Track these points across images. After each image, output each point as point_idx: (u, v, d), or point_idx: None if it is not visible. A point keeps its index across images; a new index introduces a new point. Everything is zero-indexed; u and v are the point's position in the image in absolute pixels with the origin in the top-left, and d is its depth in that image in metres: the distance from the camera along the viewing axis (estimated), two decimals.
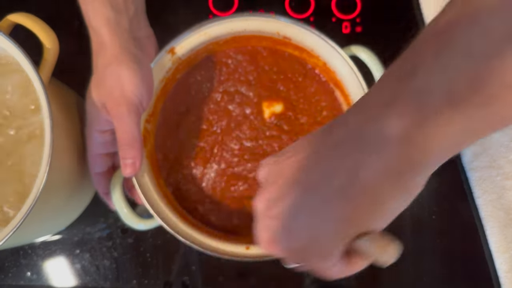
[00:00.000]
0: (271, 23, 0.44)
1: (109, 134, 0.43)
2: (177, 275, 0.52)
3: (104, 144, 0.44)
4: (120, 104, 0.39)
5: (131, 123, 0.39)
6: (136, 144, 0.39)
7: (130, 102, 0.39)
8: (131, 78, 0.39)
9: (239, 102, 0.47)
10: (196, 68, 0.48)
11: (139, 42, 0.42)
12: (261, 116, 0.47)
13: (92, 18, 0.40)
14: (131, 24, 0.41)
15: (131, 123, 0.39)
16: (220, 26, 0.45)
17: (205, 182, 0.46)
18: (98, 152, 0.44)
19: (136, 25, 0.42)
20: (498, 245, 0.52)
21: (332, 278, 0.31)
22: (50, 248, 0.53)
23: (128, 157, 0.40)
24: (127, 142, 0.39)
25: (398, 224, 0.52)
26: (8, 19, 0.41)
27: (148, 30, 0.44)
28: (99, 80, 0.40)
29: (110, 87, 0.39)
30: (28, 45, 0.39)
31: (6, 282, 0.53)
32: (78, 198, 0.50)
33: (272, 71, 0.48)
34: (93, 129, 0.43)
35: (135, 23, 0.41)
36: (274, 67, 0.48)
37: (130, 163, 0.40)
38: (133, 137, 0.39)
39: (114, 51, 0.39)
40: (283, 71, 0.48)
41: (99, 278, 0.52)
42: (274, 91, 0.47)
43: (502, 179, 0.52)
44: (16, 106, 0.42)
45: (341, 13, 0.56)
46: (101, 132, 0.43)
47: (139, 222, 0.43)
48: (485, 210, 0.52)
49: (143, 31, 0.43)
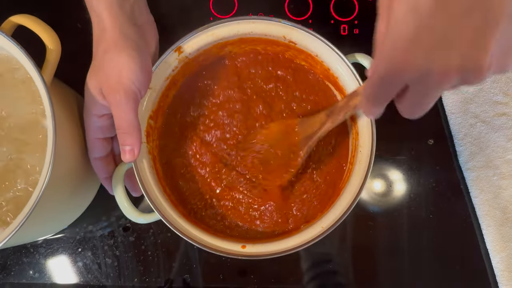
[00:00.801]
0: (277, 27, 0.45)
1: (106, 119, 0.43)
2: (178, 273, 0.53)
3: (102, 128, 0.44)
4: (117, 91, 0.38)
5: (128, 110, 0.39)
6: (134, 132, 0.39)
7: (128, 89, 0.38)
8: (129, 65, 0.38)
9: (242, 106, 0.47)
10: (202, 70, 0.48)
11: (140, 29, 0.42)
12: (262, 122, 0.47)
13: (95, 1, 0.39)
14: (132, 9, 0.41)
15: (129, 110, 0.39)
16: (227, 27, 0.45)
17: (204, 183, 0.47)
18: (96, 136, 0.44)
19: (138, 10, 0.41)
20: (494, 244, 0.52)
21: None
22: (52, 246, 0.54)
23: (127, 144, 0.39)
24: (125, 129, 0.39)
25: (395, 223, 0.54)
26: (11, 20, 0.41)
27: (149, 16, 0.44)
28: (98, 66, 0.40)
29: (108, 73, 0.39)
30: (30, 46, 0.39)
31: (8, 280, 0.53)
32: (81, 197, 0.50)
33: (277, 77, 0.48)
34: (91, 113, 0.43)
35: (136, 8, 0.41)
36: (278, 72, 0.48)
37: (129, 149, 0.40)
38: (131, 124, 0.39)
39: (113, 37, 0.39)
40: (287, 78, 0.48)
41: (101, 276, 0.53)
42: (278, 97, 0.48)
43: (499, 179, 0.53)
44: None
45: (339, 15, 0.56)
46: (98, 116, 0.43)
47: (139, 216, 0.44)
48: (482, 210, 0.53)
49: (144, 17, 0.43)
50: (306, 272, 0.53)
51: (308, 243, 0.41)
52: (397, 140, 0.55)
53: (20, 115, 0.43)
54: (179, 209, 0.45)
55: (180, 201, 0.46)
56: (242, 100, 0.48)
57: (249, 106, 0.48)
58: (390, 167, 0.55)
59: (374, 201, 0.54)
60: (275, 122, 0.46)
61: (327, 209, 0.44)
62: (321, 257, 0.53)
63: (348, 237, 0.53)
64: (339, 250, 0.53)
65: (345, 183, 0.44)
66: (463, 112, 0.54)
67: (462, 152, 0.54)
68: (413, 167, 0.54)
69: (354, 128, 0.46)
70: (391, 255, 0.53)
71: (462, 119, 0.54)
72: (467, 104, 0.54)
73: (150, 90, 0.45)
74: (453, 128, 0.54)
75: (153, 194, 0.43)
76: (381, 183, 0.55)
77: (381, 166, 0.55)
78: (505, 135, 0.53)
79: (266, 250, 0.42)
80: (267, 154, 0.45)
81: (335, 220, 0.42)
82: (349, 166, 0.45)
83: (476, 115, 0.54)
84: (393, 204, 0.54)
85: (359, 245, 0.53)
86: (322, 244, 0.53)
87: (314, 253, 0.53)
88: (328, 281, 0.53)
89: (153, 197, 0.43)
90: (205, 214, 0.46)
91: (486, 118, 0.54)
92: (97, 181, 0.52)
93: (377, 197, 0.54)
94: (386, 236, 0.53)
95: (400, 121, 0.55)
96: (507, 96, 0.54)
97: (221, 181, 0.47)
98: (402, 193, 0.54)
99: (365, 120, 0.43)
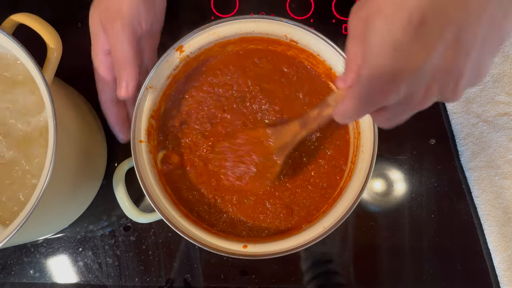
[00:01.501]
0: (279, 26, 0.45)
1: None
2: (179, 273, 0.53)
3: (110, 67, 0.43)
4: (114, 20, 0.38)
5: (125, 41, 0.38)
6: (129, 66, 0.38)
7: (126, 18, 0.38)
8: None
9: (241, 106, 0.47)
10: (202, 69, 0.48)
11: None
12: (259, 121, 0.47)
13: None
14: None
15: (125, 41, 0.38)
16: (229, 26, 0.45)
17: (202, 182, 0.47)
18: (105, 76, 0.43)
19: None
20: (496, 244, 0.52)
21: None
22: (53, 246, 0.53)
23: (122, 79, 0.39)
24: (120, 62, 0.38)
25: (397, 223, 0.53)
26: (12, 19, 0.41)
27: None
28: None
29: (109, 3, 0.38)
30: (30, 45, 0.39)
31: (9, 280, 0.53)
32: (81, 196, 0.50)
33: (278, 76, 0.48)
34: (97, 51, 0.42)
35: None
36: (279, 71, 0.48)
37: (124, 85, 0.39)
38: (126, 57, 0.38)
39: None
40: (291, 77, 0.48)
41: (101, 275, 0.53)
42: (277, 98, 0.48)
43: (500, 179, 0.53)
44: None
45: (341, 14, 0.56)
46: (105, 54, 0.42)
47: (139, 215, 0.44)
48: (484, 209, 0.53)
49: None
50: (306, 272, 0.53)
51: (309, 242, 0.41)
52: (398, 140, 0.55)
53: (20, 113, 0.43)
54: (180, 208, 0.45)
55: (181, 200, 0.46)
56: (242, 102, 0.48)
57: (250, 103, 0.48)
58: (391, 166, 0.54)
59: (375, 201, 0.54)
60: (250, 130, 0.46)
61: (328, 209, 0.44)
62: (322, 257, 0.53)
63: (349, 237, 0.53)
64: (340, 250, 0.53)
65: (347, 183, 0.44)
66: (465, 111, 0.54)
67: (464, 152, 0.54)
68: (414, 166, 0.54)
69: (356, 127, 0.45)
70: (392, 255, 0.53)
71: (464, 118, 0.54)
72: (469, 103, 0.54)
73: (151, 89, 0.44)
74: (455, 127, 0.54)
75: (154, 193, 0.43)
76: (382, 183, 0.54)
77: (383, 166, 0.54)
78: (507, 134, 0.53)
79: (268, 250, 0.42)
80: (245, 161, 0.45)
81: (337, 220, 0.41)
82: (351, 166, 0.45)
83: (478, 114, 0.54)
84: (394, 204, 0.54)
85: (360, 245, 0.53)
86: (323, 244, 0.53)
87: (315, 253, 0.53)
88: (328, 281, 0.53)
89: (154, 196, 0.43)
90: (205, 215, 0.46)
91: (488, 118, 0.54)
92: (98, 180, 0.52)
93: (378, 197, 0.54)
94: (387, 236, 0.53)
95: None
96: (509, 95, 0.54)
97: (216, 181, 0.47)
98: (404, 193, 0.54)
99: (367, 120, 0.43)
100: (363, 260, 0.53)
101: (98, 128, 0.51)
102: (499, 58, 0.54)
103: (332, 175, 0.47)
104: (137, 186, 0.43)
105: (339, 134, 0.47)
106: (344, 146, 0.47)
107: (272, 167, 0.44)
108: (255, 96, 0.48)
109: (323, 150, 0.47)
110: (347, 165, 0.46)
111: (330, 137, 0.47)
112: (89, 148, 0.47)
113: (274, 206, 0.46)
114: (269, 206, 0.46)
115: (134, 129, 0.43)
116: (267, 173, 0.44)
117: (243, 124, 0.47)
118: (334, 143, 0.47)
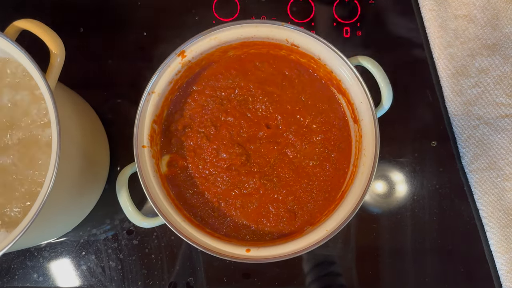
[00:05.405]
0: (280, 30, 0.45)
1: None
2: (182, 276, 0.53)
3: None
4: None
5: None
6: None
7: None
8: None
9: (244, 109, 0.48)
10: (204, 74, 0.48)
11: None
12: (262, 124, 0.47)
13: None
14: None
15: None
16: (230, 31, 0.45)
17: (205, 187, 0.47)
18: None
19: None
20: (498, 246, 0.52)
21: None
22: (56, 250, 0.54)
23: None
24: None
25: (399, 225, 0.54)
26: (15, 25, 0.42)
27: None
28: None
29: None
30: (33, 51, 0.39)
31: (12, 284, 0.53)
32: (84, 201, 0.50)
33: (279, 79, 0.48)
34: None
35: None
36: (281, 74, 0.48)
37: None
38: None
39: None
40: (292, 80, 0.48)
41: (104, 279, 0.53)
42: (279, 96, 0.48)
43: (502, 181, 0.53)
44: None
45: (342, 18, 0.56)
46: None
47: (142, 220, 0.44)
48: (485, 211, 0.53)
49: None
50: (309, 274, 0.53)
51: (312, 246, 0.41)
52: (400, 142, 0.55)
53: (22, 119, 0.44)
54: (183, 212, 0.45)
55: (185, 204, 0.46)
56: (245, 105, 0.48)
57: (252, 106, 0.48)
58: (393, 169, 0.55)
59: (377, 203, 0.54)
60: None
61: (331, 212, 0.44)
62: (325, 259, 0.53)
63: (352, 239, 0.53)
64: (342, 252, 0.53)
65: (349, 186, 0.44)
66: (466, 113, 0.54)
67: (465, 154, 0.54)
68: (416, 169, 0.54)
69: (358, 130, 0.46)
70: (394, 257, 0.53)
71: (465, 120, 0.54)
72: (470, 105, 0.54)
73: (154, 95, 0.45)
74: (456, 130, 0.54)
75: (157, 198, 0.43)
76: (384, 185, 0.54)
77: (384, 168, 0.55)
78: (508, 136, 0.53)
79: (271, 254, 0.42)
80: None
81: (340, 223, 0.42)
82: (353, 169, 0.45)
83: (479, 116, 0.54)
84: (396, 206, 0.54)
85: (363, 247, 0.53)
86: (326, 246, 0.53)
87: (317, 255, 0.53)
88: (331, 283, 0.53)
89: (157, 201, 0.43)
90: (209, 219, 0.46)
91: (489, 120, 0.54)
92: (101, 185, 0.52)
93: (380, 199, 0.54)
94: (389, 238, 0.53)
95: (404, 123, 0.55)
96: (510, 97, 0.54)
97: (219, 186, 0.47)
98: (406, 195, 0.54)
99: (369, 122, 0.43)
100: (365, 262, 0.53)
101: (101, 133, 0.51)
102: (500, 60, 0.54)
103: (336, 178, 0.47)
104: (140, 191, 0.43)
105: (342, 137, 0.47)
106: (347, 149, 0.47)
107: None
108: (258, 99, 0.48)
109: (327, 153, 0.47)
110: (349, 168, 0.46)
111: (334, 140, 0.47)
112: (92, 153, 0.48)
113: (278, 210, 0.46)
114: (273, 210, 0.46)
115: (137, 135, 0.44)
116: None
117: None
118: (338, 145, 0.47)
